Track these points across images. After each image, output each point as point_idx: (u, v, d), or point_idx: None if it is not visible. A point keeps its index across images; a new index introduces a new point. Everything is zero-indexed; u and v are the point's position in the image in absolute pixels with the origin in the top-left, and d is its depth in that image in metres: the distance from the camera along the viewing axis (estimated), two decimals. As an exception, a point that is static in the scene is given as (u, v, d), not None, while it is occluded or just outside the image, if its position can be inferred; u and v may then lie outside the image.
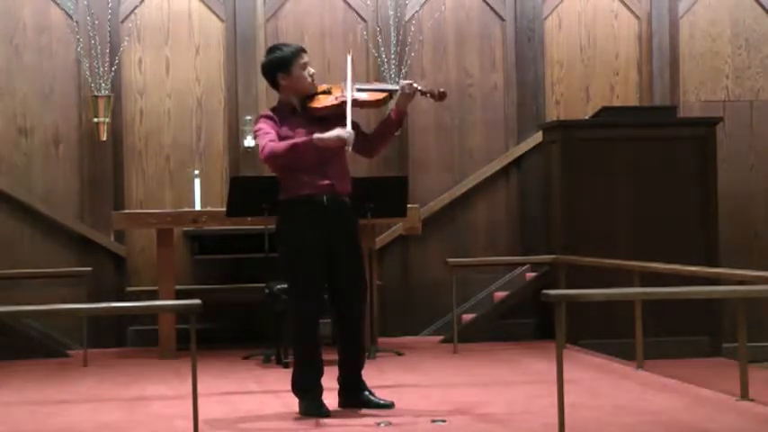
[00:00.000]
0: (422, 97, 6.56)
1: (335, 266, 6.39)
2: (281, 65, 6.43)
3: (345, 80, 6.40)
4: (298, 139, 6.27)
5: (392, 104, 6.51)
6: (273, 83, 6.50)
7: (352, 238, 6.48)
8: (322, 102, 6.41)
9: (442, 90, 6.52)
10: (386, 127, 6.57)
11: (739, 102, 10.60)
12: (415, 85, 6.45)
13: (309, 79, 6.46)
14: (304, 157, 6.28)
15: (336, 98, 6.41)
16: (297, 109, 6.45)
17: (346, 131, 6.21)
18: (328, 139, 6.23)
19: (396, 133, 6.82)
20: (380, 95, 6.49)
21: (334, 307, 6.48)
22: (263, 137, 6.35)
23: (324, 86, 6.56)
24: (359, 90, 6.45)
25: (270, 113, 6.47)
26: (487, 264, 9.94)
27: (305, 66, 6.46)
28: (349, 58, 6.55)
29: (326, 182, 6.36)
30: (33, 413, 6.74)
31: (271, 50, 6.56)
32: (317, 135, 6.24)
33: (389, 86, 6.61)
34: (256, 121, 6.49)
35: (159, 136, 10.01)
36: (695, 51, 10.58)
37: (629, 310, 8.09)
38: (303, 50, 6.52)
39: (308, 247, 6.32)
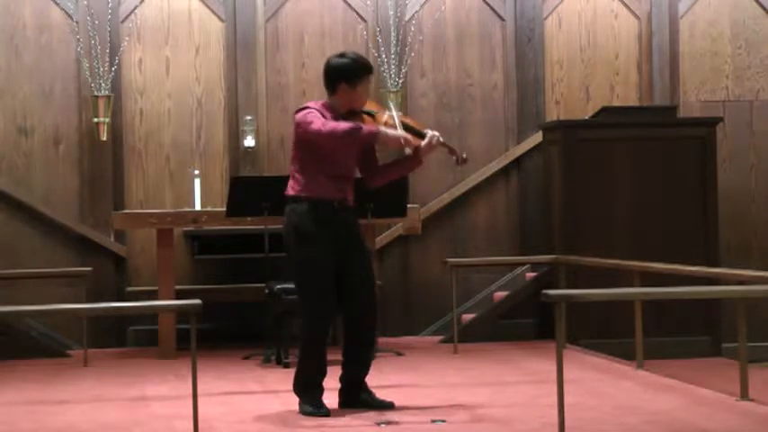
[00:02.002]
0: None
1: (346, 268, 6.40)
2: (349, 76, 6.39)
3: (390, 112, 6.46)
4: (363, 126, 6.26)
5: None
6: (331, 86, 6.44)
7: (360, 240, 6.51)
8: (369, 125, 6.37)
9: (465, 156, 6.59)
10: (398, 168, 6.64)
11: (739, 102, 10.60)
12: (441, 139, 6.47)
13: (366, 100, 6.45)
14: (355, 144, 6.28)
15: (384, 124, 6.37)
16: (341, 117, 6.40)
17: (409, 137, 6.30)
18: (393, 135, 6.28)
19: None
20: (418, 141, 6.41)
21: (345, 307, 6.47)
22: (315, 117, 6.27)
23: (369, 109, 6.51)
24: (403, 125, 6.40)
25: (317, 107, 6.40)
26: (487, 264, 9.93)
27: (367, 87, 6.46)
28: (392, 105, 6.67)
29: (340, 189, 6.40)
30: (33, 413, 6.74)
31: (343, 55, 6.49)
32: (383, 128, 6.28)
33: (421, 130, 6.51)
34: (302, 109, 6.38)
35: (159, 136, 10.01)
36: (695, 51, 10.58)
37: (629, 310, 8.09)
38: (371, 71, 6.50)
39: (320, 249, 6.32)
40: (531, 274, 10.08)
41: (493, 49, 10.40)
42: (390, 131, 6.31)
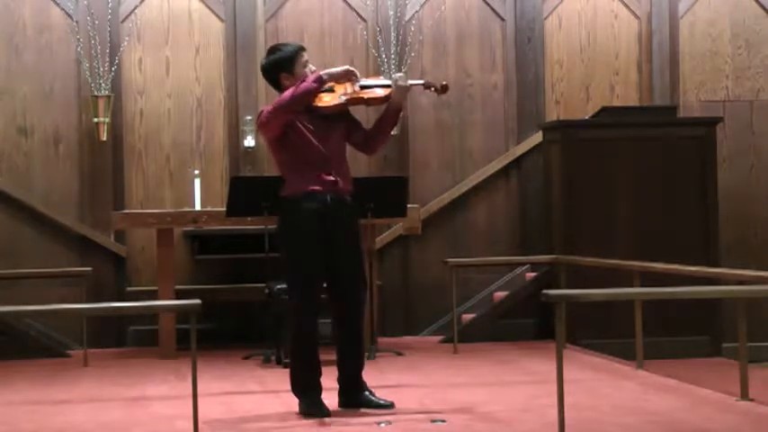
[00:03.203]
0: (423, 94, 6.57)
1: (336, 266, 6.39)
2: (283, 65, 6.46)
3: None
4: (304, 78, 6.30)
5: None
6: (276, 83, 6.51)
7: (353, 237, 6.48)
8: (327, 101, 6.40)
9: (444, 83, 6.54)
10: (383, 123, 6.58)
11: (739, 102, 10.59)
12: (409, 80, 6.47)
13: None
14: (309, 96, 6.28)
15: (340, 96, 6.41)
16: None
17: (353, 69, 6.34)
18: (337, 70, 6.35)
19: (394, 130, 6.80)
20: (385, 91, 6.47)
21: (334, 306, 6.48)
22: (267, 110, 6.36)
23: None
24: (362, 87, 6.45)
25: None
26: (487, 264, 9.93)
27: (306, 64, 6.50)
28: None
29: (331, 179, 6.37)
30: (34, 413, 6.74)
31: (271, 51, 6.59)
32: (325, 70, 6.34)
33: (387, 81, 6.58)
34: (261, 114, 6.45)
35: (159, 136, 10.01)
36: (695, 51, 10.58)
37: (629, 310, 8.09)
38: (303, 49, 6.56)
39: (309, 247, 6.32)
40: (531, 274, 10.08)
41: (493, 48, 10.40)
42: (334, 69, 6.38)
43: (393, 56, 10.09)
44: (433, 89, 6.53)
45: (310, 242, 6.32)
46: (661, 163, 9.60)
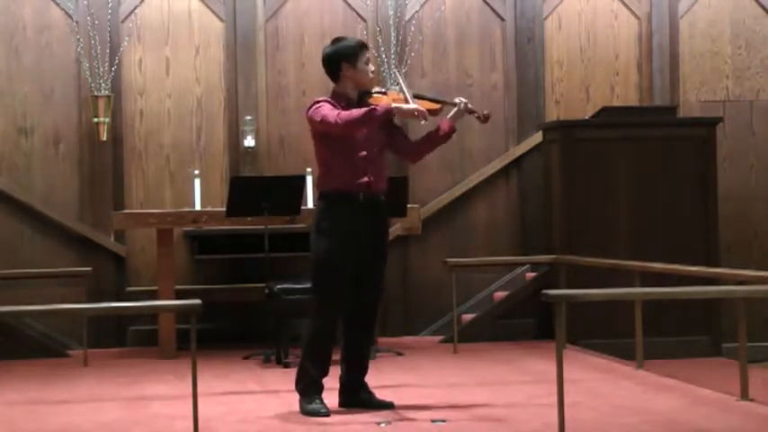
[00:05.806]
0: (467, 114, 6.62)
1: (362, 268, 6.39)
2: (348, 55, 6.45)
3: (400, 86, 6.50)
4: (377, 106, 6.27)
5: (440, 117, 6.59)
6: (334, 72, 6.49)
7: (381, 240, 6.50)
8: (382, 102, 6.40)
9: (486, 113, 6.61)
10: (434, 137, 6.59)
11: (739, 102, 10.59)
12: (470, 105, 6.51)
13: (371, 75, 6.50)
14: (372, 125, 6.29)
15: (394, 100, 6.41)
16: (352, 101, 6.45)
17: (423, 109, 6.28)
18: (407, 108, 6.29)
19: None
20: (435, 105, 6.51)
21: (351, 306, 6.46)
22: (328, 110, 6.29)
23: (379, 88, 6.64)
24: (415, 96, 6.48)
25: (327, 99, 6.44)
26: (487, 264, 9.93)
27: (368, 61, 6.50)
28: (398, 73, 6.87)
29: (365, 179, 6.37)
30: (34, 413, 6.75)
31: (337, 40, 6.57)
32: (395, 104, 6.30)
33: (443, 99, 6.62)
34: (313, 105, 6.39)
35: (159, 136, 10.02)
36: (695, 51, 10.58)
37: (629, 310, 8.09)
38: (367, 47, 6.57)
39: (339, 247, 6.31)
40: (531, 274, 10.08)
41: (493, 49, 10.40)
42: (404, 105, 6.33)
43: (393, 56, 10.09)
44: (476, 115, 6.58)
45: (341, 243, 6.32)
46: (661, 163, 9.60)
